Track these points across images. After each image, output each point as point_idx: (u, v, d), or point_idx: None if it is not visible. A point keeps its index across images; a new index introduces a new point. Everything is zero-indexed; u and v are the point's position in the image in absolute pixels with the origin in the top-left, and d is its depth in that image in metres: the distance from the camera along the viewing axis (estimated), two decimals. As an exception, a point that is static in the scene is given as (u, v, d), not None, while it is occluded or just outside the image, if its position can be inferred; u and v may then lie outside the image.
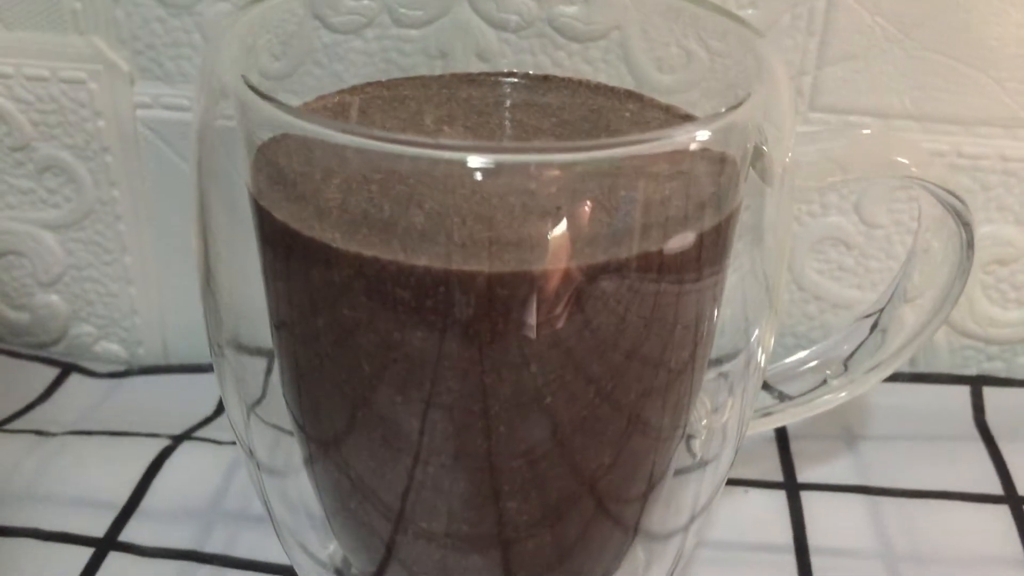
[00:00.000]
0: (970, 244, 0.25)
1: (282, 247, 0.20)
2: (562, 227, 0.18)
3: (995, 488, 0.32)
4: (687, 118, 0.25)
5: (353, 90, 0.25)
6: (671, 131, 0.18)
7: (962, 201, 0.24)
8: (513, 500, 0.21)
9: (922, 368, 0.38)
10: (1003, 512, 0.32)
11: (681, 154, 0.19)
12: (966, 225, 0.25)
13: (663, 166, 0.19)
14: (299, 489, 0.25)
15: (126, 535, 0.30)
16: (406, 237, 0.19)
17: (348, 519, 0.24)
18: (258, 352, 0.24)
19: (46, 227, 0.39)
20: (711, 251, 0.21)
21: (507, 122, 0.24)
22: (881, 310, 0.28)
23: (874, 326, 0.28)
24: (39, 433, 0.35)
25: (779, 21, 0.34)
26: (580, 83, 0.26)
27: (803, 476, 0.33)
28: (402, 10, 0.34)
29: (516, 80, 0.26)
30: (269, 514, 0.25)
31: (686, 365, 0.22)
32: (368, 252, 0.18)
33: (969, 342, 0.38)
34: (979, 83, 0.34)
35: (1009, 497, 0.32)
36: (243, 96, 0.19)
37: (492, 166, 0.17)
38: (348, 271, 0.19)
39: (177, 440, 0.34)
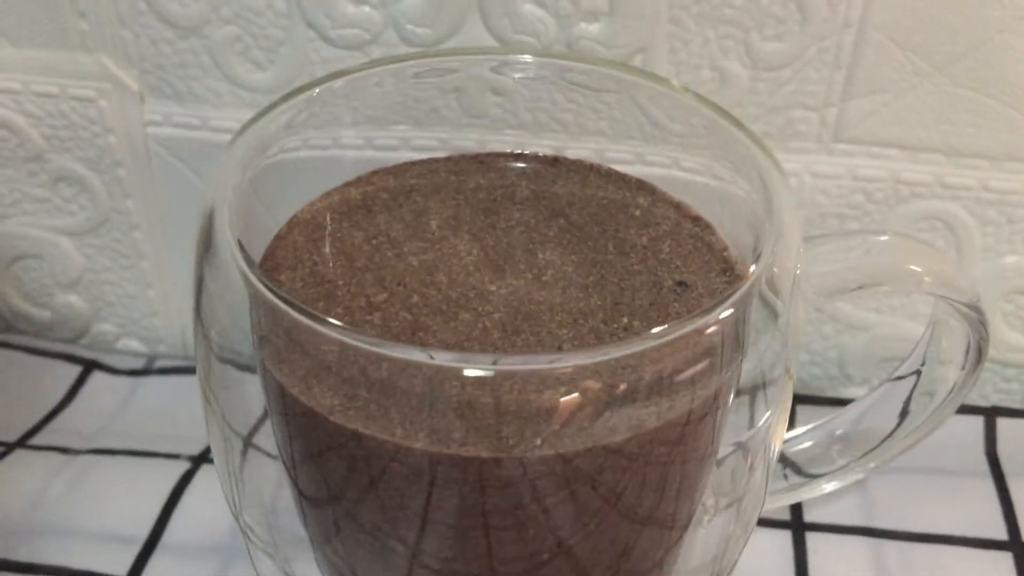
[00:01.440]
0: (982, 348, 0.24)
1: (281, 401, 0.20)
2: (559, 415, 0.18)
3: (999, 533, 0.33)
4: (696, 220, 0.24)
5: (358, 182, 0.25)
6: (665, 332, 0.18)
7: (978, 311, 0.24)
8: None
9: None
10: (1006, 559, 0.32)
11: (683, 340, 0.18)
12: (980, 331, 0.24)
13: (678, 348, 0.18)
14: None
15: (149, 572, 0.31)
16: (402, 418, 0.19)
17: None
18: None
19: (63, 233, 0.39)
20: (725, 391, 0.21)
21: (514, 221, 0.24)
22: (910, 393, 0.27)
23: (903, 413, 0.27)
24: (63, 451, 0.36)
25: (805, 53, 0.32)
26: (591, 168, 0.26)
27: (810, 515, 0.34)
28: (409, 26, 0.33)
29: (524, 165, 0.26)
30: None
31: (690, 494, 0.22)
32: (363, 429, 0.18)
33: (986, 365, 0.38)
34: (1011, 119, 0.33)
35: (1013, 543, 0.32)
36: (241, 269, 0.19)
37: (487, 374, 0.17)
38: (344, 439, 0.19)
39: (196, 463, 0.35)
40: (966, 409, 0.37)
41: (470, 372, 0.17)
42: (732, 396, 0.22)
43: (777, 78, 0.33)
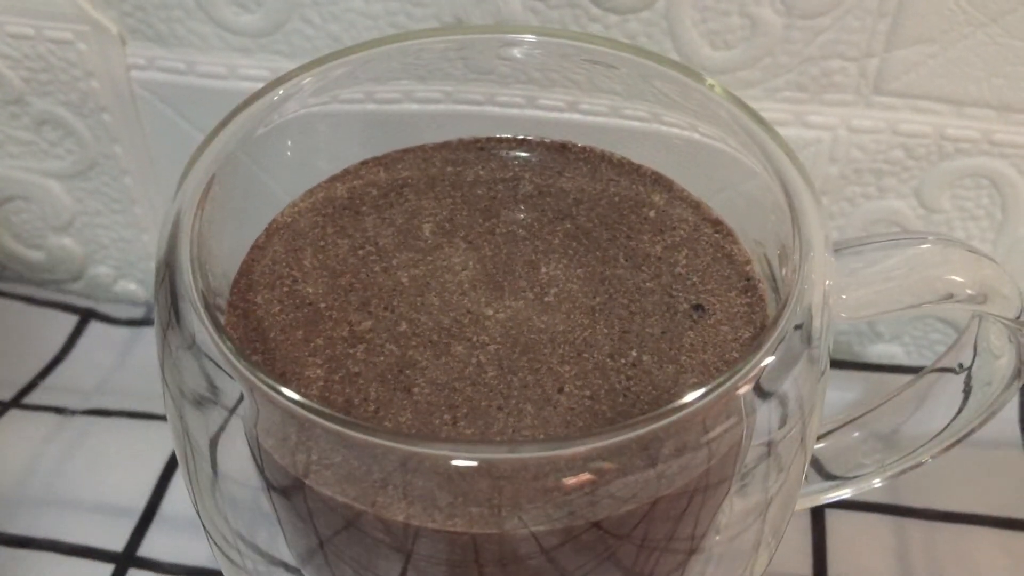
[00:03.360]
0: (1021, 372, 0.22)
1: (260, 452, 0.19)
2: (564, 491, 0.16)
3: (1029, 512, 0.31)
4: (717, 224, 0.22)
5: (345, 175, 0.23)
6: (690, 404, 0.16)
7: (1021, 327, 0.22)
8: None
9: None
10: (1034, 541, 0.31)
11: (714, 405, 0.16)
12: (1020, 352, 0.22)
13: (690, 421, 0.16)
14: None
15: (144, 549, 0.31)
16: (383, 480, 0.17)
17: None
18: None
19: (51, 176, 0.37)
20: (739, 447, 0.19)
21: (515, 224, 0.22)
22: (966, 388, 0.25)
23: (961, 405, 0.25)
24: (58, 411, 0.35)
25: (846, 0, 0.29)
26: (602, 157, 0.23)
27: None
28: (413, 51, 0.30)
29: (529, 154, 0.23)
30: None
31: (703, 533, 0.20)
32: (340, 497, 0.17)
33: None
34: (1071, 74, 0.30)
35: (1042, 525, 0.31)
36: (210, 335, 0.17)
37: (480, 466, 0.15)
38: (332, 506, 0.17)
39: (195, 424, 0.34)
40: (1001, 375, 0.35)
41: (459, 463, 0.15)
42: (753, 436, 0.20)
43: (814, 26, 0.30)
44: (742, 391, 0.17)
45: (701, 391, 0.16)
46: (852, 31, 0.30)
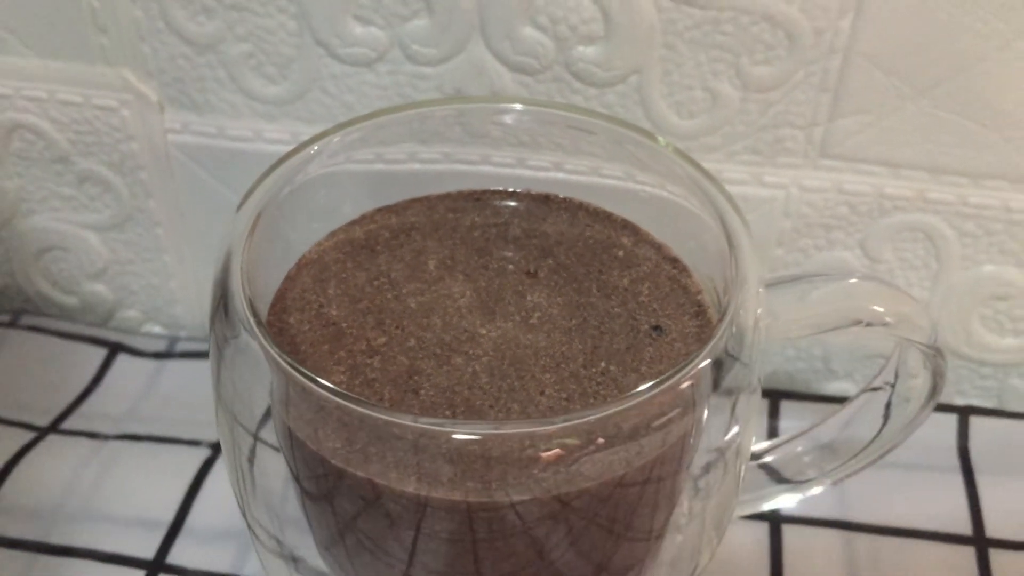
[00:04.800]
0: (938, 385, 0.26)
1: (298, 450, 0.22)
2: (541, 464, 0.20)
3: (965, 528, 0.35)
4: (675, 262, 0.26)
5: (362, 219, 0.27)
6: (641, 394, 0.20)
7: (936, 351, 0.26)
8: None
9: (915, 390, 0.40)
10: (968, 554, 0.34)
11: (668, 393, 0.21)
12: (937, 367, 0.26)
13: (649, 406, 0.20)
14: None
15: (173, 557, 0.34)
16: (396, 461, 0.21)
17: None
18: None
19: (89, 228, 0.42)
20: (694, 430, 0.23)
21: (506, 260, 0.26)
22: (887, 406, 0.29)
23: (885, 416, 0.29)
24: (92, 436, 0.38)
25: (792, 77, 0.34)
26: (579, 207, 0.28)
27: (787, 508, 0.36)
28: (415, 46, 0.35)
29: (517, 204, 0.27)
30: None
31: (664, 516, 0.24)
32: (367, 476, 0.21)
33: (963, 363, 0.40)
34: (989, 140, 0.34)
35: (976, 539, 0.35)
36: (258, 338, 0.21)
37: (477, 439, 0.19)
38: (352, 483, 0.21)
39: (215, 449, 0.38)
40: (941, 407, 0.39)
41: (459, 436, 0.19)
42: (702, 434, 0.24)
43: (766, 99, 0.34)
44: (684, 386, 0.21)
45: (650, 383, 0.20)
46: (799, 103, 0.34)
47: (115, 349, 0.43)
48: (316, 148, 0.25)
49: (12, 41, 0.37)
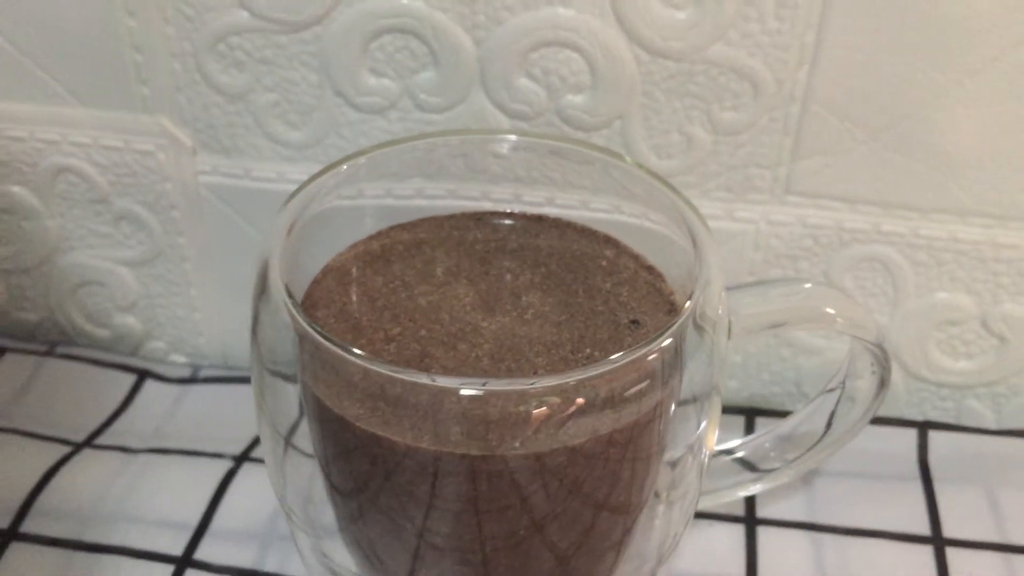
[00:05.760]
0: (884, 379, 0.30)
1: (318, 410, 0.26)
2: (532, 424, 0.24)
3: (924, 529, 0.38)
4: (651, 269, 0.30)
5: (379, 235, 0.31)
6: (614, 361, 0.24)
7: (881, 349, 0.30)
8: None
9: (880, 411, 0.44)
10: (926, 552, 0.38)
11: (640, 361, 0.24)
12: (881, 363, 0.30)
13: (626, 372, 0.24)
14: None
15: (200, 553, 0.37)
16: (410, 423, 0.24)
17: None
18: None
19: (122, 263, 0.45)
20: (665, 403, 0.26)
21: (504, 268, 0.30)
22: (837, 403, 0.33)
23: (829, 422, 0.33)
24: (123, 450, 0.42)
25: (758, 122, 0.38)
26: (568, 225, 0.32)
27: (762, 511, 0.39)
28: (423, 95, 0.39)
29: (513, 222, 0.31)
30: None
31: (642, 483, 0.28)
32: (381, 433, 0.24)
33: (923, 386, 0.43)
34: (934, 178, 0.38)
35: (934, 539, 0.38)
36: (288, 309, 0.25)
37: (479, 393, 0.23)
38: (367, 441, 0.25)
39: (238, 461, 0.41)
40: (903, 422, 0.43)
41: (465, 391, 0.23)
42: (673, 407, 0.27)
43: (735, 141, 0.39)
44: (651, 358, 0.24)
45: (621, 354, 0.24)
46: (765, 146, 0.39)
47: (143, 375, 0.46)
48: (345, 168, 0.29)
49: (62, 92, 0.41)
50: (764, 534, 0.38)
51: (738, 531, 0.39)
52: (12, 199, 0.44)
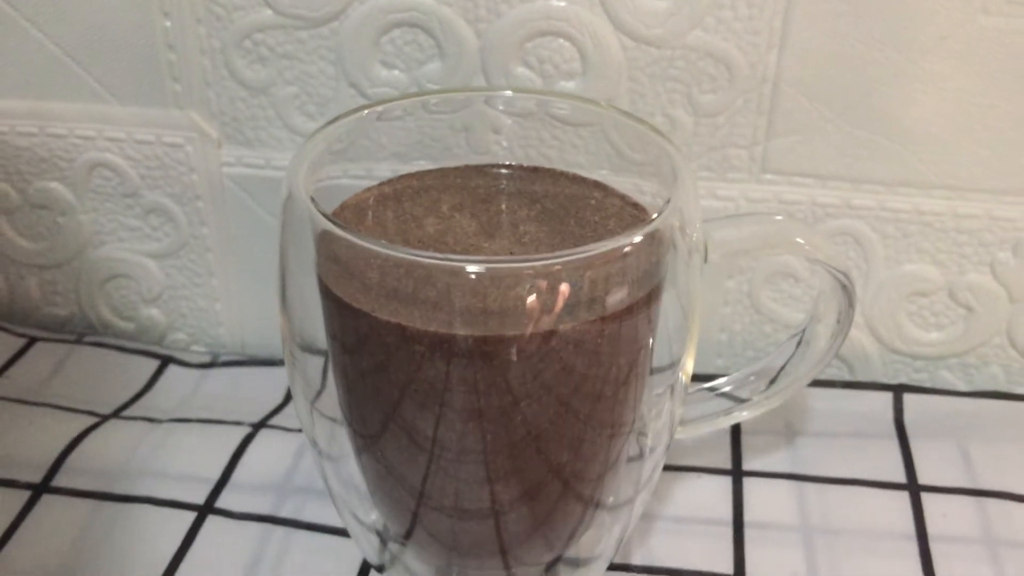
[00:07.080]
0: (851, 304, 0.33)
1: (336, 309, 0.29)
2: (531, 304, 0.27)
3: (900, 478, 0.41)
4: (635, 205, 0.33)
5: (390, 182, 0.34)
6: (607, 243, 0.27)
7: (845, 274, 0.33)
8: (500, 484, 0.30)
9: (858, 377, 0.47)
10: (903, 497, 0.40)
11: (619, 250, 0.27)
12: (847, 289, 0.33)
13: (607, 259, 0.27)
14: (350, 471, 0.34)
15: (221, 502, 0.40)
16: (422, 310, 0.27)
17: (385, 496, 0.33)
18: (318, 352, 0.33)
19: (149, 256, 0.49)
20: (647, 307, 0.29)
21: (503, 206, 0.33)
22: (803, 331, 0.36)
23: (799, 343, 0.36)
24: (148, 420, 0.44)
25: (734, 104, 0.42)
26: (561, 174, 0.35)
27: (748, 465, 0.42)
28: (429, 85, 0.43)
29: (512, 171, 0.35)
30: (328, 489, 0.35)
31: (628, 385, 0.31)
32: (395, 320, 0.27)
33: (898, 357, 0.46)
34: (898, 153, 0.42)
35: (909, 485, 0.40)
36: (310, 211, 0.29)
37: (482, 271, 0.26)
38: (382, 330, 0.28)
39: (256, 428, 0.44)
40: (879, 386, 0.46)
41: (470, 268, 0.26)
42: (656, 314, 0.30)
43: (714, 123, 0.42)
44: (627, 250, 0.28)
45: (603, 242, 0.27)
46: (741, 127, 0.42)
47: (166, 361, 0.49)
48: (366, 112, 0.33)
49: (100, 91, 0.45)
50: (750, 484, 0.41)
51: (725, 482, 0.41)
52: (49, 195, 0.48)
